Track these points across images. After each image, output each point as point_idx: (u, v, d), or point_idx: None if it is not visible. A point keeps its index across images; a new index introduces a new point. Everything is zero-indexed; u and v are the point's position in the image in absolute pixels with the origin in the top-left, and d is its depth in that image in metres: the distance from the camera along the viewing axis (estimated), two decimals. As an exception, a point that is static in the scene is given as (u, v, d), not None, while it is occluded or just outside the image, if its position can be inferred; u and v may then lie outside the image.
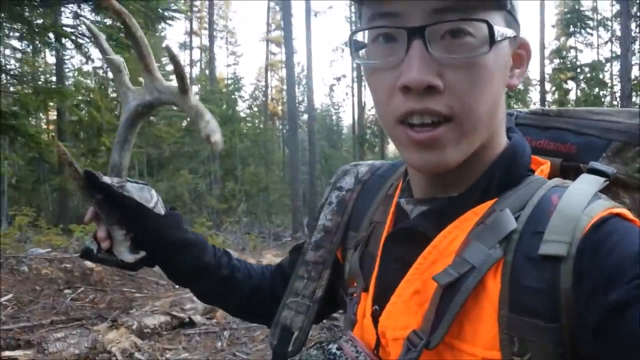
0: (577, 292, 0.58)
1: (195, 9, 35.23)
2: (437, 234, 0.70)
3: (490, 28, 0.63)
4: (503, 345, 0.60)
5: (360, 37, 0.72)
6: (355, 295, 0.82)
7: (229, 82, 38.06)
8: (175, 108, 0.94)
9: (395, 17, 0.65)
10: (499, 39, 0.64)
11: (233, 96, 33.24)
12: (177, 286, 3.90)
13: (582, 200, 0.64)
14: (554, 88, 27.67)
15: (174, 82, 0.91)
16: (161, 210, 0.96)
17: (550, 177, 0.74)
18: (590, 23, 29.03)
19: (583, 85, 27.07)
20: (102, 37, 0.97)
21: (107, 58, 0.95)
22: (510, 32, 0.67)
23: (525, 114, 0.91)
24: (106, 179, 0.92)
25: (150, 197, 0.95)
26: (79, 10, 5.88)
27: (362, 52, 0.72)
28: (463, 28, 0.63)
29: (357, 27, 0.72)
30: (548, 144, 0.85)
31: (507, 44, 0.68)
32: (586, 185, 0.69)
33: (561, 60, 28.68)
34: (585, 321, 0.56)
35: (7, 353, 3.79)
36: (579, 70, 27.32)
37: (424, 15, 0.63)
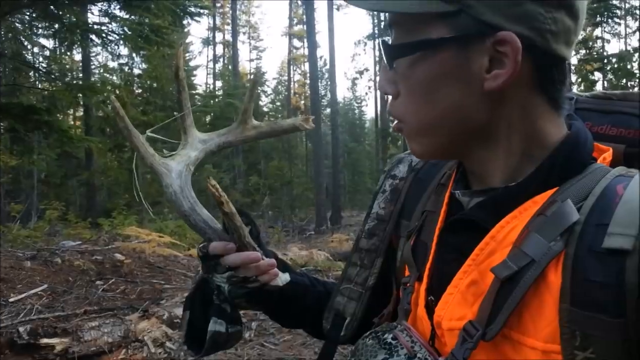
0: None
1: (218, 4, 35.42)
2: (494, 224, 0.68)
3: (386, 47, 0.71)
4: (564, 339, 0.59)
5: None
6: (408, 284, 0.80)
7: (252, 76, 38.27)
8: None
9: None
10: (406, 54, 0.69)
11: (256, 90, 33.43)
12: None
13: None
14: (579, 79, 27.24)
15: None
16: None
17: (613, 164, 0.71)
18: (618, 12, 28.43)
19: (610, 76, 26.56)
20: (127, 121, 0.90)
21: (132, 138, 0.90)
22: (437, 35, 0.66)
23: (585, 97, 0.87)
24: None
25: None
26: (109, 9, 6.03)
27: None
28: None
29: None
30: (611, 129, 0.81)
31: (456, 48, 0.66)
32: None
33: (587, 51, 28.16)
34: None
35: (45, 340, 3.92)
36: (605, 61, 26.81)
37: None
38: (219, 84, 33.97)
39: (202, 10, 6.76)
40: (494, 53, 0.65)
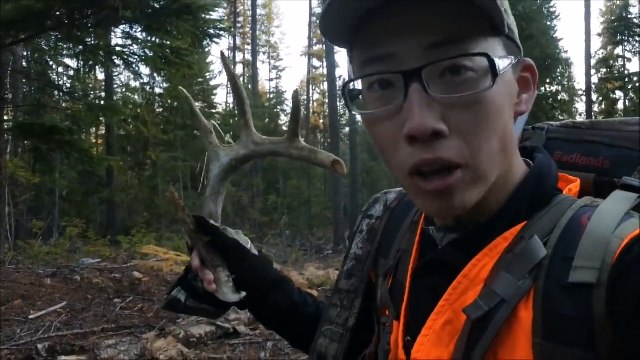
0: (612, 319, 0.55)
1: (238, 25, 35.88)
2: (466, 263, 0.68)
3: (491, 61, 0.60)
4: None
5: (356, 84, 0.70)
6: (387, 324, 0.81)
7: (272, 96, 38.63)
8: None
9: (390, 59, 0.62)
10: (501, 71, 0.61)
11: (275, 110, 33.79)
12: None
13: (612, 220, 0.60)
14: (600, 98, 27.02)
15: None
16: (255, 251, 1.02)
17: (583, 194, 0.71)
18: (638, 30, 28.23)
19: (632, 94, 26.31)
20: (193, 102, 1.05)
21: (198, 121, 1.03)
22: (510, 59, 0.64)
23: (556, 127, 0.88)
24: (213, 222, 0.97)
25: (246, 240, 1.01)
26: (131, 31, 6.17)
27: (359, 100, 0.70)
28: (462, 64, 0.60)
29: (350, 75, 0.70)
30: (580, 159, 0.81)
31: (511, 70, 0.65)
32: (617, 203, 0.64)
33: (608, 70, 27.99)
34: (623, 349, 0.55)
35: (63, 358, 3.98)
36: (627, 79, 26.58)
37: (419, 54, 0.60)
38: (238, 103, 34.27)
39: (221, 32, 6.89)
40: (519, 78, 0.68)
